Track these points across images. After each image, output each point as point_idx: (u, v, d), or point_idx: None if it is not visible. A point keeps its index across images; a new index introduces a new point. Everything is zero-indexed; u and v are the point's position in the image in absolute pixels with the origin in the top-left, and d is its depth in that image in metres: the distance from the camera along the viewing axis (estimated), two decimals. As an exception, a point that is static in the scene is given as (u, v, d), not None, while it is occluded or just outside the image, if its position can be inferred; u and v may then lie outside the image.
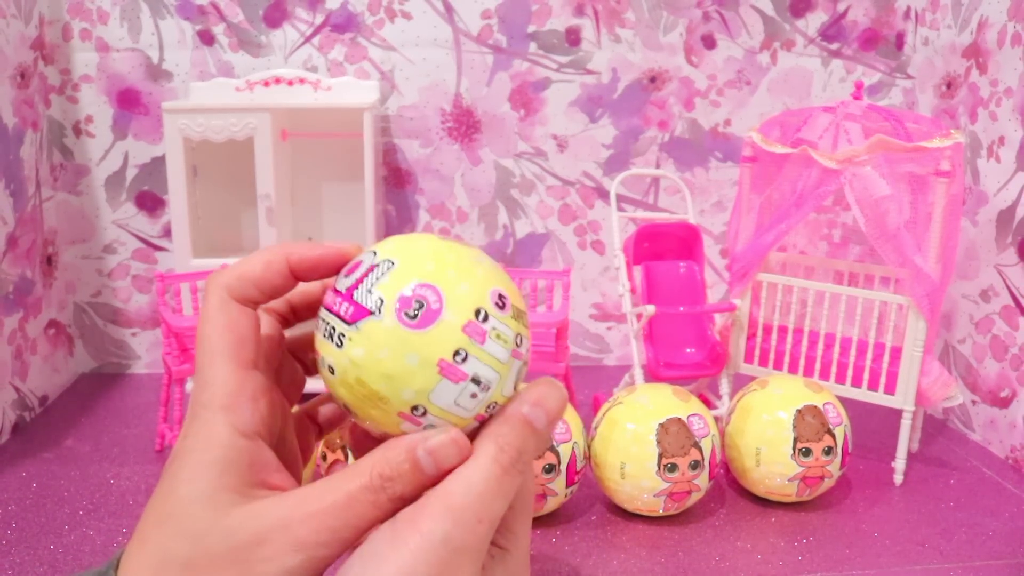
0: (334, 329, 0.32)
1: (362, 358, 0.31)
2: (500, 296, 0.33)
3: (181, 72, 1.86)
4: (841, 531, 1.39)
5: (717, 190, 2.03)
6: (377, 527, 0.31)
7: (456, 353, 0.31)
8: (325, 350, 0.33)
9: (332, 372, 0.33)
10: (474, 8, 1.89)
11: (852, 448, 1.47)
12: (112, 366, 2.01)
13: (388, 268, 0.32)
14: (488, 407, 0.33)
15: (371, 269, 0.33)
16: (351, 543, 0.31)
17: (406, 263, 0.32)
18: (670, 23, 1.94)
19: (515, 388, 0.34)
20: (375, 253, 0.34)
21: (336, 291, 0.33)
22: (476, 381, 0.32)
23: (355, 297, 0.32)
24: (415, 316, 0.31)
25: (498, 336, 0.32)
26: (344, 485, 0.31)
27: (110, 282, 1.96)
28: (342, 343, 0.32)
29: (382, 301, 0.31)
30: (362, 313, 0.32)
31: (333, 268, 0.36)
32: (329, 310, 0.33)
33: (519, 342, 0.33)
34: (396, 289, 0.32)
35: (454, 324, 0.31)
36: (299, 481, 0.36)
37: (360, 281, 0.32)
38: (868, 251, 1.89)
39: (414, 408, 0.31)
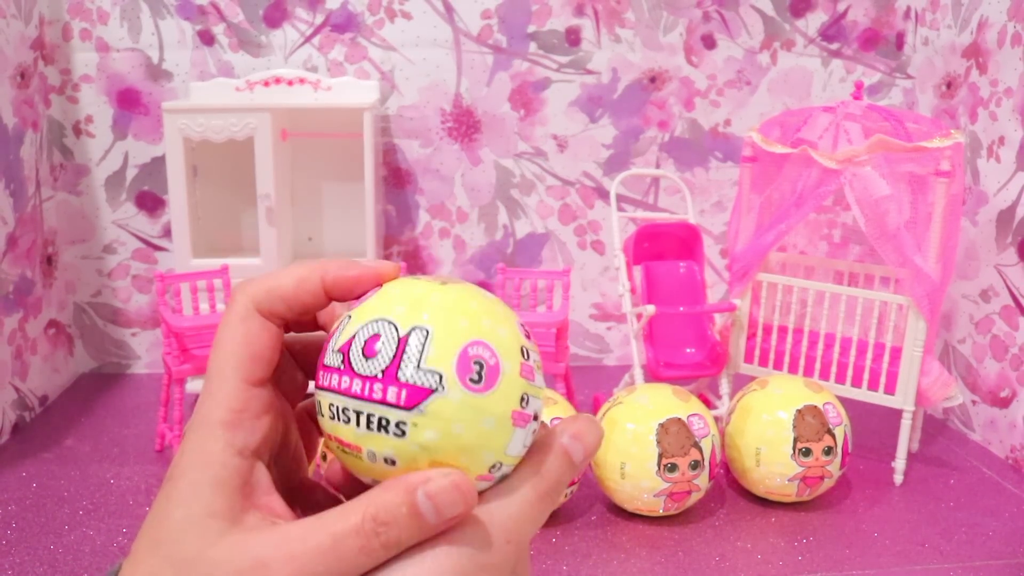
0: (385, 420, 0.29)
1: (436, 440, 0.29)
2: (522, 326, 0.32)
3: (181, 72, 1.86)
4: (841, 531, 1.39)
5: (717, 190, 2.03)
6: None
7: (522, 400, 0.30)
8: (375, 443, 0.29)
9: (393, 463, 0.29)
10: (474, 8, 1.89)
11: (852, 448, 1.47)
12: (112, 366, 2.01)
13: (426, 336, 0.29)
14: (535, 437, 0.32)
15: (403, 342, 0.29)
16: None
17: (440, 325, 0.29)
18: (670, 23, 1.94)
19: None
20: (391, 322, 0.30)
21: (360, 374, 0.30)
22: (536, 418, 0.31)
23: (403, 378, 0.29)
24: (480, 379, 0.29)
25: (538, 366, 0.31)
26: (331, 526, 0.29)
27: (110, 282, 1.96)
28: (404, 431, 0.29)
29: (441, 376, 0.29)
30: (422, 394, 0.29)
31: (369, 289, 0.33)
32: (362, 398, 0.29)
33: (538, 366, 0.32)
34: (449, 358, 0.29)
35: (513, 373, 0.30)
36: (305, 475, 0.36)
37: (399, 359, 0.29)
38: (868, 251, 1.88)
39: (492, 467, 0.30)
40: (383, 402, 0.29)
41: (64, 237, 1.92)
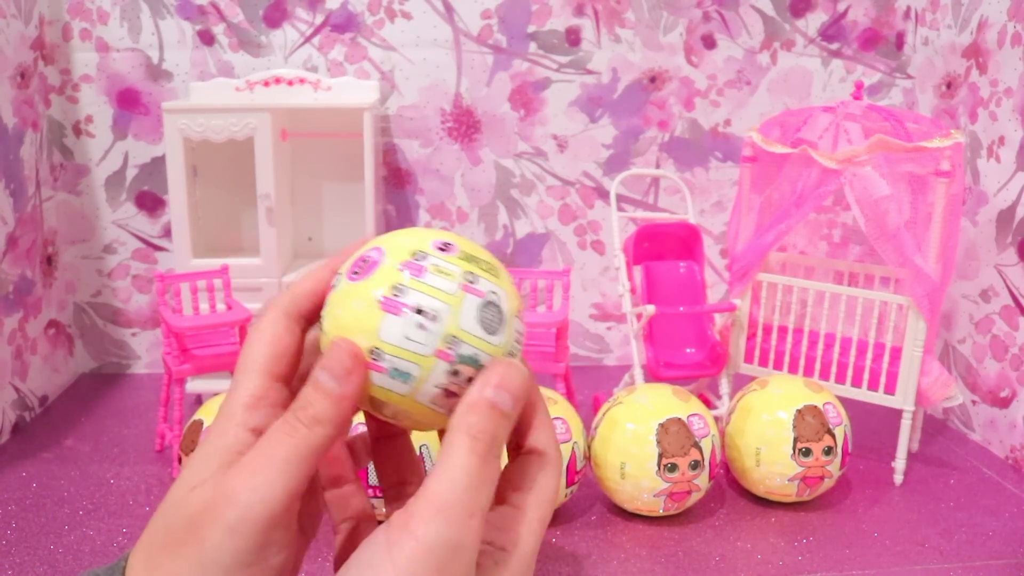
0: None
1: (327, 323, 0.35)
2: (445, 243, 0.35)
3: (181, 72, 1.86)
4: (841, 531, 1.39)
5: (717, 190, 2.03)
6: (371, 534, 0.31)
7: (394, 288, 0.33)
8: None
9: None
10: (474, 8, 1.89)
11: (852, 448, 1.47)
12: (112, 366, 2.01)
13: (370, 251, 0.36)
14: (448, 342, 0.33)
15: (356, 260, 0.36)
16: (291, 493, 0.31)
17: (382, 247, 0.35)
18: (670, 23, 1.94)
19: (508, 349, 0.34)
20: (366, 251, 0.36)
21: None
22: (420, 311, 0.33)
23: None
24: (358, 272, 0.34)
25: (439, 271, 0.33)
26: (269, 434, 0.32)
27: (110, 282, 1.96)
28: (325, 316, 0.35)
29: (341, 274, 0.35)
30: (329, 289, 0.36)
31: None
32: None
33: (472, 280, 0.34)
34: (351, 260, 0.35)
35: (390, 266, 0.34)
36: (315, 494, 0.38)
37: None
38: (868, 251, 1.89)
39: (372, 353, 0.33)
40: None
41: (64, 237, 1.92)
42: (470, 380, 0.33)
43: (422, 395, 0.33)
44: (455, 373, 0.33)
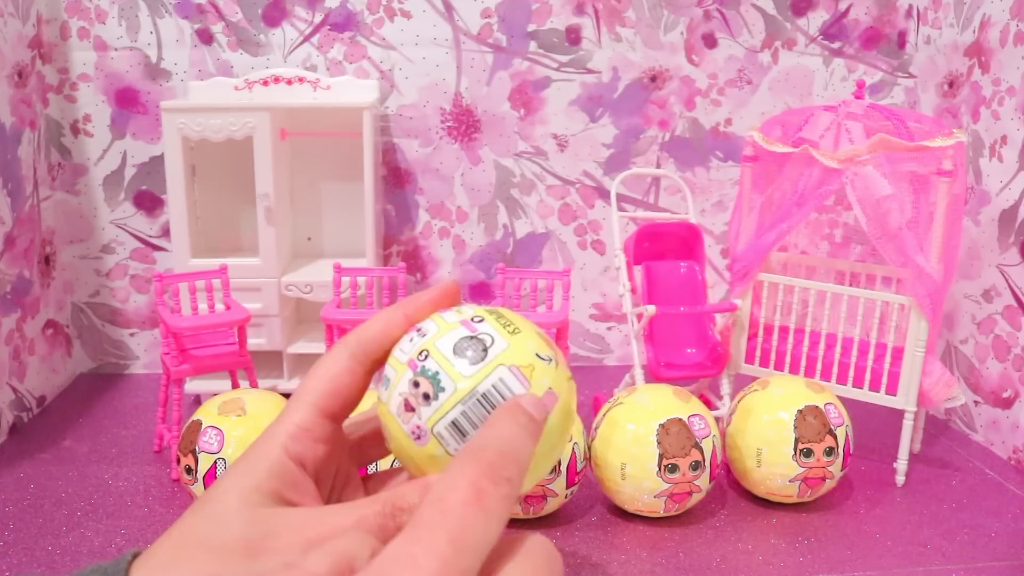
0: None
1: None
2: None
3: (180, 71, 1.86)
4: (843, 532, 1.39)
5: (718, 190, 2.02)
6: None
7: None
8: None
9: None
10: (474, 7, 1.88)
11: (854, 449, 1.46)
12: (110, 366, 2.01)
13: None
14: (420, 354, 0.34)
15: None
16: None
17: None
18: (671, 22, 1.93)
19: (480, 390, 0.33)
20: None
21: None
22: (418, 330, 0.36)
23: None
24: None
25: (459, 311, 0.36)
26: (358, 508, 0.32)
27: (108, 282, 1.96)
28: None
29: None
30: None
31: (447, 306, 0.38)
32: None
33: (476, 320, 0.35)
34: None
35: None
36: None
37: None
38: (870, 251, 1.88)
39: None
40: None
41: (62, 237, 1.91)
42: (426, 398, 0.33)
43: (392, 403, 0.34)
44: (415, 384, 0.33)
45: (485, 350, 0.33)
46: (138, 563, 0.30)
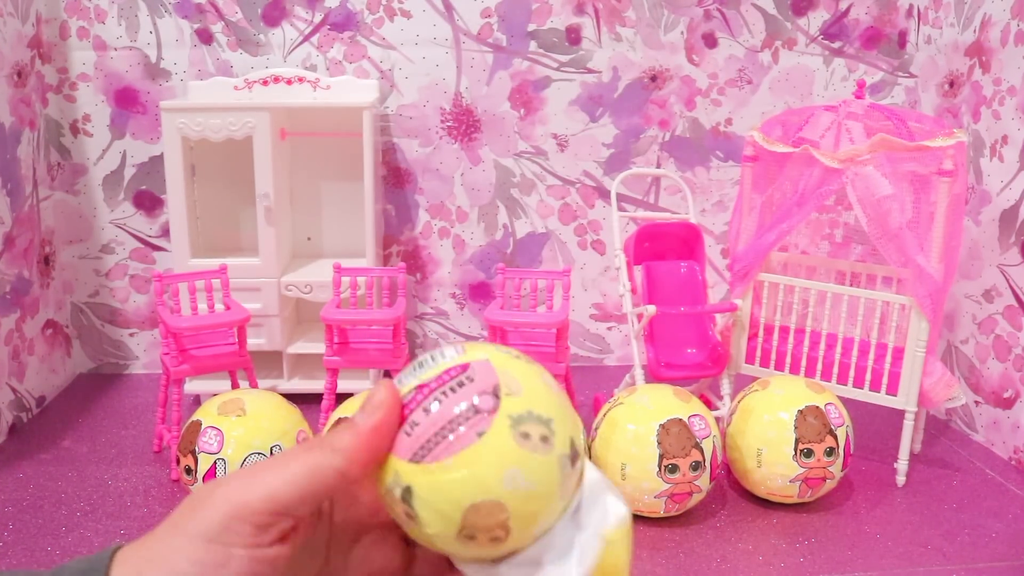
0: None
1: None
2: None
3: (179, 71, 1.85)
4: (843, 532, 1.38)
5: (718, 189, 2.02)
6: None
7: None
8: None
9: None
10: (474, 7, 1.88)
11: (854, 449, 1.46)
12: (110, 366, 2.01)
13: None
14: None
15: None
16: (291, 499, 0.32)
17: None
18: (671, 22, 1.93)
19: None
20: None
21: None
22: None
23: None
24: None
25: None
26: (291, 448, 0.34)
27: (108, 282, 1.95)
28: None
29: None
30: None
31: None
32: None
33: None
34: None
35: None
36: None
37: None
38: (870, 251, 1.88)
39: None
40: None
41: (61, 237, 1.91)
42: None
43: None
44: None
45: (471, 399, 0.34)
46: (121, 554, 0.32)
